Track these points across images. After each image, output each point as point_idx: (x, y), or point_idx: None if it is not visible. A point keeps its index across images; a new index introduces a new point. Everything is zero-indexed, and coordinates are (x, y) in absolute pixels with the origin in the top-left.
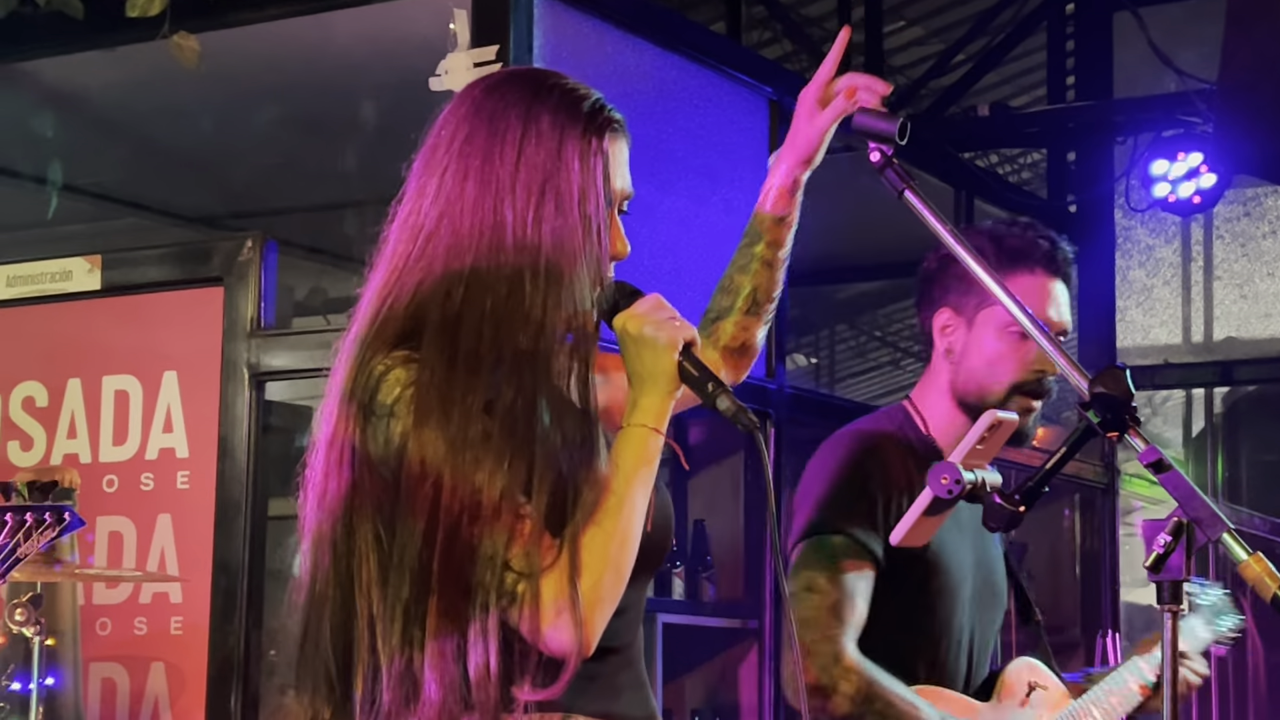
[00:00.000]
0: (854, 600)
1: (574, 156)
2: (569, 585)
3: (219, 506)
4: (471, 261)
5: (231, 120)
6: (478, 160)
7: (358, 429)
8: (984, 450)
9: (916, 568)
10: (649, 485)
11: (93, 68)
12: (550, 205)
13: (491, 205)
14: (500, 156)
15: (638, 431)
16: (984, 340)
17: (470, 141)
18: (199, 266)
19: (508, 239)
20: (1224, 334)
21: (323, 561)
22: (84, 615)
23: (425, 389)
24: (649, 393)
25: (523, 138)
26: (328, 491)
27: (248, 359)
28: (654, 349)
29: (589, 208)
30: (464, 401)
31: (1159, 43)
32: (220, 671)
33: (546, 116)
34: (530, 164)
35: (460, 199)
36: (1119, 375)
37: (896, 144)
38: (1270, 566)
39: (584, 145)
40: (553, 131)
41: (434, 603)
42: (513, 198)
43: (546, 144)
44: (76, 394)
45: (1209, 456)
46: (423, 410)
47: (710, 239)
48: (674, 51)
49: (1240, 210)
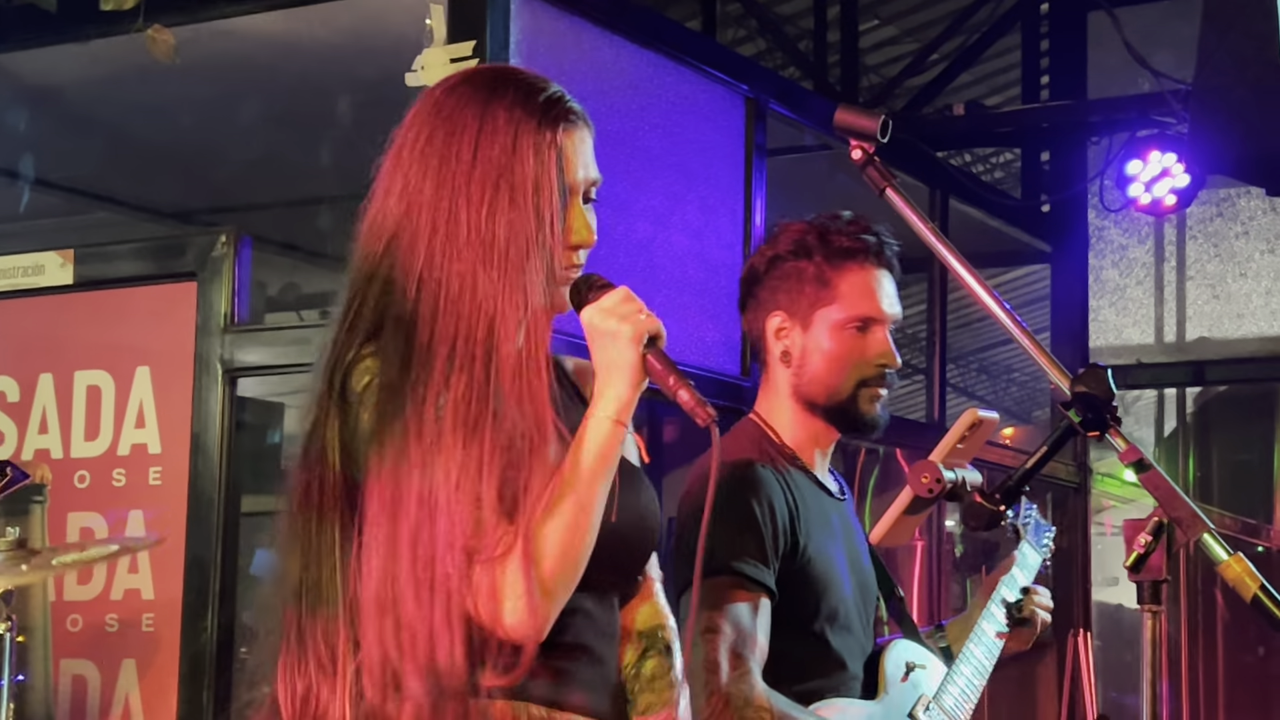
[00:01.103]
0: (754, 636)
1: (528, 149)
2: (524, 572)
3: (191, 503)
4: (425, 258)
5: (206, 115)
6: (435, 160)
7: (334, 420)
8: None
9: (805, 587)
10: (609, 476)
11: (66, 61)
12: (504, 199)
13: (448, 202)
14: (457, 155)
15: (600, 423)
16: (823, 340)
17: (430, 142)
18: (172, 261)
19: (462, 234)
20: (1196, 334)
21: (302, 554)
22: (54, 612)
23: (383, 385)
24: (613, 384)
25: (479, 134)
26: (305, 484)
27: (221, 354)
28: (619, 341)
29: (542, 200)
30: (416, 395)
31: (1134, 43)
32: (192, 668)
33: (502, 112)
34: (485, 159)
35: (419, 197)
36: (1100, 375)
37: (878, 141)
38: (1250, 566)
39: (538, 138)
40: (508, 126)
41: (402, 593)
42: (468, 193)
43: (501, 139)
44: (48, 389)
45: (1180, 456)
46: (381, 405)
47: (686, 236)
48: (650, 48)
49: (1214, 211)
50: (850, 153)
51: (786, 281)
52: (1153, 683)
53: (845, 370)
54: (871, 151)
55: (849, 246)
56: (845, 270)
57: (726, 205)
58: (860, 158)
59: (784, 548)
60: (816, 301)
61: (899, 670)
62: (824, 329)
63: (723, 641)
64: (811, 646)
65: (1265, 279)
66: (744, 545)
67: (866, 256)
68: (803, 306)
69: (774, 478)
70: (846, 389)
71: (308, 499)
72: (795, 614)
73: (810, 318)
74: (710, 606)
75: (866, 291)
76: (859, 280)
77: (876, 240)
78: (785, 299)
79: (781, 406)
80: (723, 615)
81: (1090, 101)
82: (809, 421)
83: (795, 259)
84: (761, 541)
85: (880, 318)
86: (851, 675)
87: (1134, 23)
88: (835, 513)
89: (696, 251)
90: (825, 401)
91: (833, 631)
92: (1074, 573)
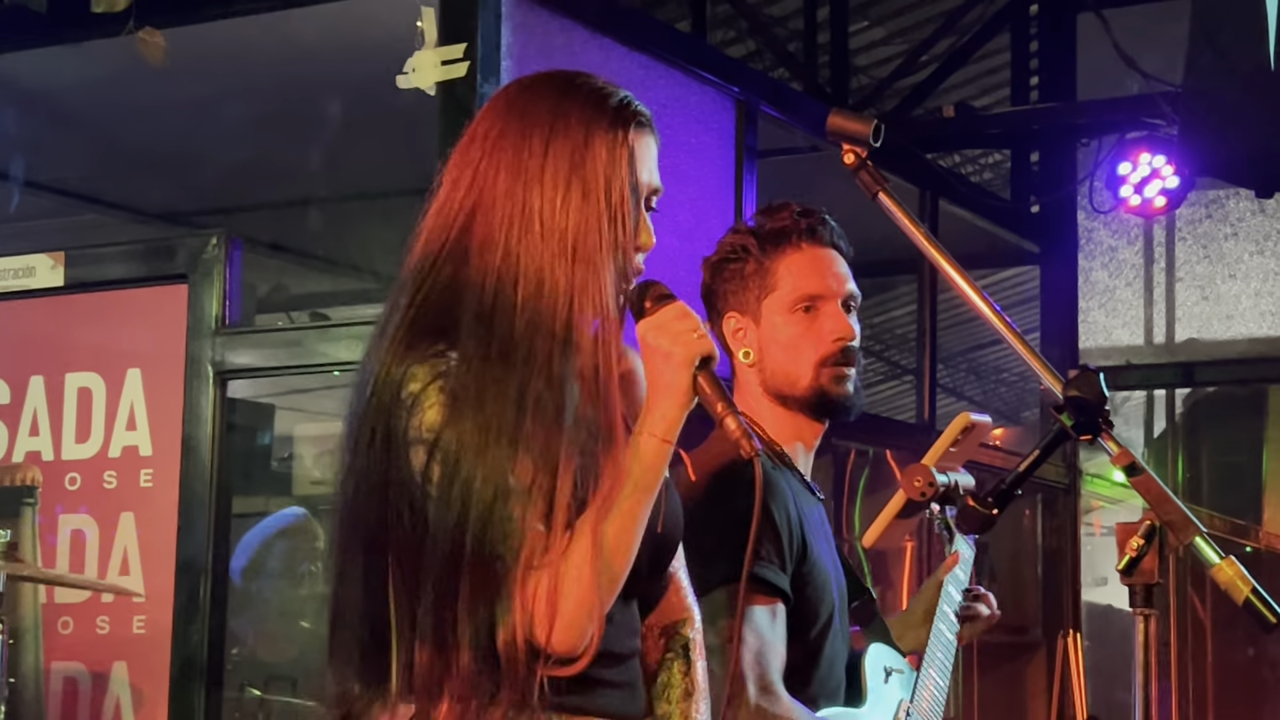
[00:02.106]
0: (775, 643)
1: (600, 148)
2: (579, 580)
3: (182, 505)
4: (502, 252)
5: (196, 116)
6: (509, 153)
7: (389, 418)
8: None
9: (809, 592)
10: (654, 493)
11: (57, 63)
12: (577, 194)
13: (521, 196)
14: (530, 149)
15: (648, 441)
16: (776, 328)
17: (503, 136)
18: (163, 263)
19: (536, 228)
20: (1186, 335)
21: (352, 545)
22: (45, 614)
23: (462, 379)
24: (662, 403)
25: (551, 131)
26: (356, 478)
27: (212, 356)
28: (671, 362)
29: (615, 197)
30: (498, 390)
31: (1123, 45)
32: (183, 671)
33: (575, 110)
34: (558, 155)
35: (492, 190)
36: (1092, 379)
37: (870, 146)
38: (1242, 570)
39: (610, 137)
40: (580, 125)
41: (465, 583)
42: (541, 187)
43: (574, 136)
44: (39, 391)
45: (1170, 457)
46: (459, 399)
47: (676, 238)
48: (641, 51)
49: (1203, 212)
50: (843, 157)
51: (731, 282)
52: (1144, 686)
53: (800, 353)
54: (864, 156)
55: (779, 229)
56: (781, 254)
57: (717, 207)
58: (853, 162)
59: (796, 552)
60: (761, 292)
61: (879, 675)
62: (774, 317)
63: (747, 651)
64: (809, 653)
65: (1255, 280)
66: (763, 549)
67: (800, 236)
68: (750, 302)
69: (780, 480)
70: (807, 372)
71: (352, 489)
72: (798, 620)
73: (759, 311)
74: (730, 614)
75: (806, 270)
76: (796, 261)
77: (808, 219)
78: (734, 300)
79: (755, 404)
80: (745, 623)
81: (1080, 103)
82: (789, 418)
83: (734, 259)
84: (780, 546)
85: (826, 293)
86: (837, 681)
87: (1123, 24)
88: (820, 514)
89: (687, 253)
90: (792, 390)
91: (827, 638)
92: (1064, 573)
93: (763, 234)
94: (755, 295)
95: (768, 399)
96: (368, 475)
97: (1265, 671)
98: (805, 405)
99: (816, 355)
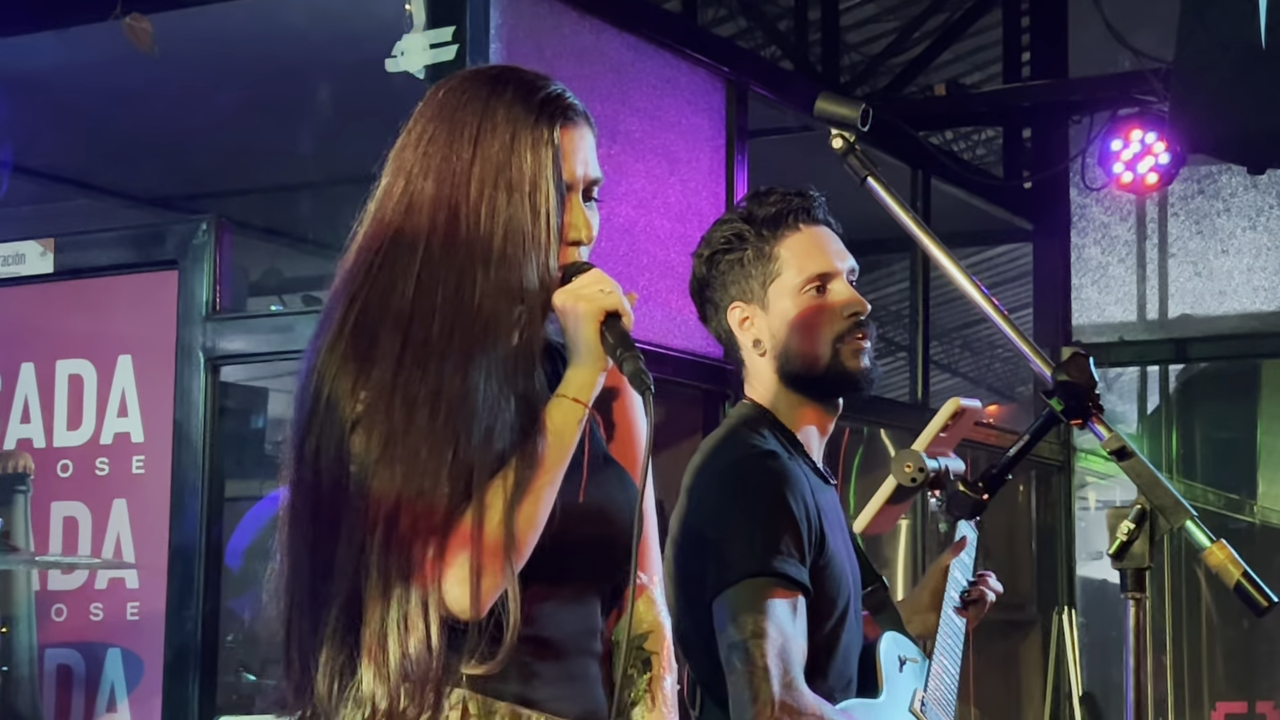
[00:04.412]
0: (798, 638)
1: (525, 147)
2: (469, 550)
3: (175, 491)
4: (423, 256)
5: (186, 101)
6: (437, 159)
7: (320, 423)
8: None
9: (827, 584)
10: (566, 457)
11: (44, 48)
12: (502, 197)
13: (448, 200)
14: (457, 153)
15: (557, 401)
16: (786, 312)
17: (433, 141)
18: (153, 249)
19: (460, 232)
20: (1179, 311)
21: (283, 552)
22: (39, 601)
23: (375, 385)
24: (575, 364)
25: (478, 132)
26: (293, 481)
27: (203, 342)
28: (577, 319)
29: (539, 197)
30: (407, 393)
31: (1114, 22)
32: (177, 656)
33: (501, 110)
34: (484, 157)
35: (420, 197)
36: (1082, 362)
37: (859, 130)
38: (1232, 553)
39: (536, 135)
40: (506, 124)
41: (373, 586)
42: (467, 191)
43: (500, 136)
44: (30, 378)
45: (1164, 433)
46: (371, 405)
47: (668, 219)
48: (631, 32)
49: (1195, 188)
50: (831, 141)
51: (732, 272)
52: (1136, 671)
53: (817, 332)
54: (852, 140)
55: (776, 213)
56: (782, 238)
57: (709, 188)
58: (841, 146)
59: (814, 544)
60: (766, 278)
61: (894, 664)
62: (783, 301)
63: (770, 646)
64: (825, 645)
65: (1247, 256)
66: (783, 543)
67: (797, 217)
68: (755, 289)
69: (796, 469)
70: (825, 351)
71: (290, 494)
72: (816, 612)
73: (766, 296)
74: (753, 609)
75: (810, 250)
76: (799, 242)
77: (802, 199)
78: (737, 289)
79: (773, 395)
80: (767, 618)
81: (1071, 80)
82: (805, 404)
83: (732, 249)
84: (799, 539)
85: (833, 271)
86: (853, 671)
87: (1114, 2)
88: (833, 502)
89: (679, 234)
90: (809, 371)
91: (843, 628)
92: (1058, 551)
93: (758, 220)
94: (760, 281)
95: (783, 386)
96: (297, 480)
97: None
98: (823, 385)
99: (833, 332)
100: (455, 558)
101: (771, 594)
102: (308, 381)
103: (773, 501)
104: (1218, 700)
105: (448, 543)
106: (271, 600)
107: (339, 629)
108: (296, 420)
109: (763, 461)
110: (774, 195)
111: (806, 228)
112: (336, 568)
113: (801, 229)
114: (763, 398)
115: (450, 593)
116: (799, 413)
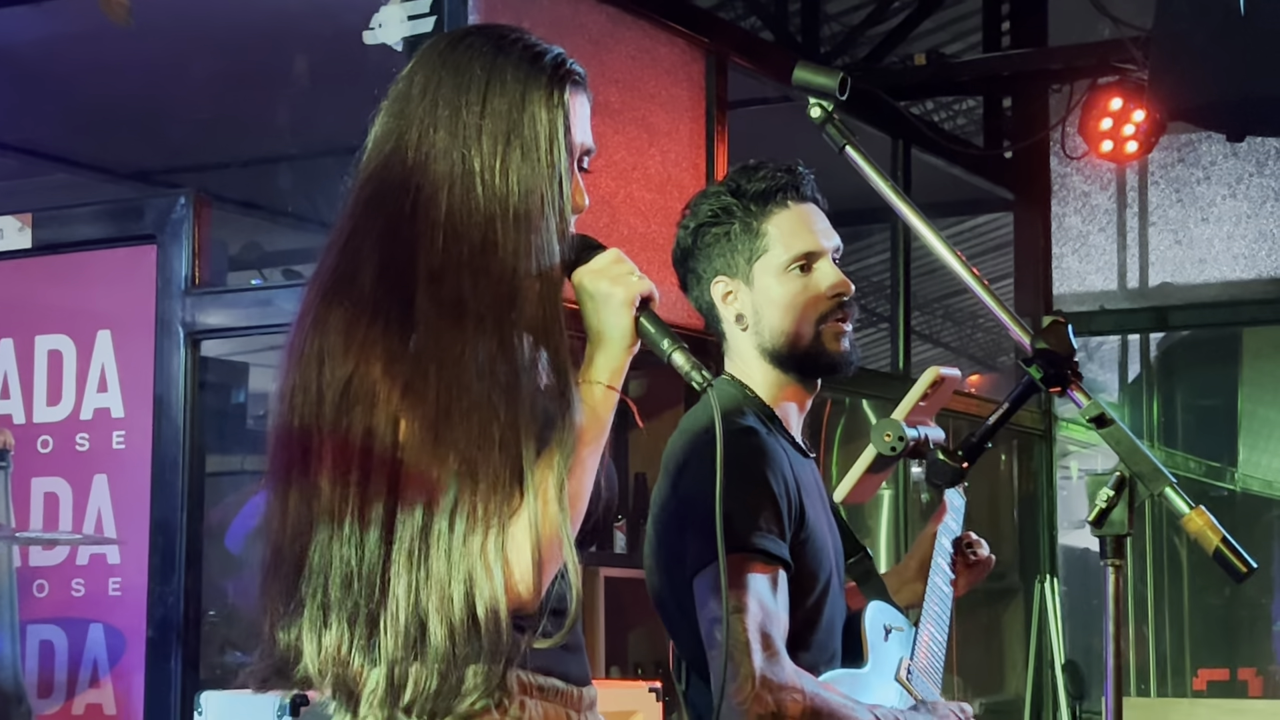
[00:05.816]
0: (779, 613)
1: (538, 107)
2: (530, 537)
3: (156, 466)
4: (445, 210)
5: (163, 74)
6: (446, 110)
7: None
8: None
9: (808, 558)
10: (602, 443)
11: (20, 22)
12: (516, 153)
13: (460, 154)
14: (466, 107)
15: (593, 389)
16: (771, 290)
17: (439, 91)
18: (131, 224)
19: (477, 186)
20: (1159, 280)
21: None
22: (20, 577)
23: (421, 343)
24: (605, 349)
25: (487, 88)
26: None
27: (183, 317)
28: (610, 305)
29: (553, 156)
30: (454, 353)
31: None
32: (159, 632)
33: (510, 69)
34: (495, 114)
35: (431, 149)
36: (1061, 330)
37: (837, 99)
38: (1211, 519)
39: (546, 96)
40: (516, 83)
41: (437, 552)
42: (479, 146)
43: (510, 94)
44: (9, 354)
45: (1145, 401)
46: (419, 364)
47: (648, 190)
48: (610, 2)
49: (1175, 156)
50: (809, 110)
51: (717, 245)
52: (1116, 637)
53: (801, 312)
54: (830, 109)
55: (765, 189)
56: (770, 214)
57: (689, 159)
58: (819, 115)
59: (794, 519)
60: (752, 254)
61: (879, 634)
62: (768, 278)
63: (750, 620)
64: (807, 619)
65: (1227, 224)
66: (762, 518)
67: (786, 194)
68: (740, 264)
69: (776, 444)
70: (808, 331)
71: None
72: (798, 586)
73: (751, 272)
74: (733, 584)
75: (797, 228)
76: (786, 220)
77: (791, 175)
78: (722, 263)
79: (752, 370)
80: (747, 592)
81: (1051, 49)
82: (784, 380)
83: (719, 221)
84: (779, 513)
85: (819, 250)
86: (837, 644)
87: None
88: (813, 474)
89: (659, 205)
90: (790, 350)
91: (825, 601)
92: (1040, 519)
93: (746, 194)
94: (745, 256)
95: (762, 361)
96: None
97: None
98: (804, 364)
99: (817, 312)
100: (518, 552)
101: (751, 569)
102: (316, 355)
103: (752, 478)
104: (1200, 667)
105: (505, 537)
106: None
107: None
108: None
109: (742, 439)
110: (763, 170)
111: (795, 205)
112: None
113: (790, 206)
114: (742, 372)
115: (517, 586)
116: (778, 389)
